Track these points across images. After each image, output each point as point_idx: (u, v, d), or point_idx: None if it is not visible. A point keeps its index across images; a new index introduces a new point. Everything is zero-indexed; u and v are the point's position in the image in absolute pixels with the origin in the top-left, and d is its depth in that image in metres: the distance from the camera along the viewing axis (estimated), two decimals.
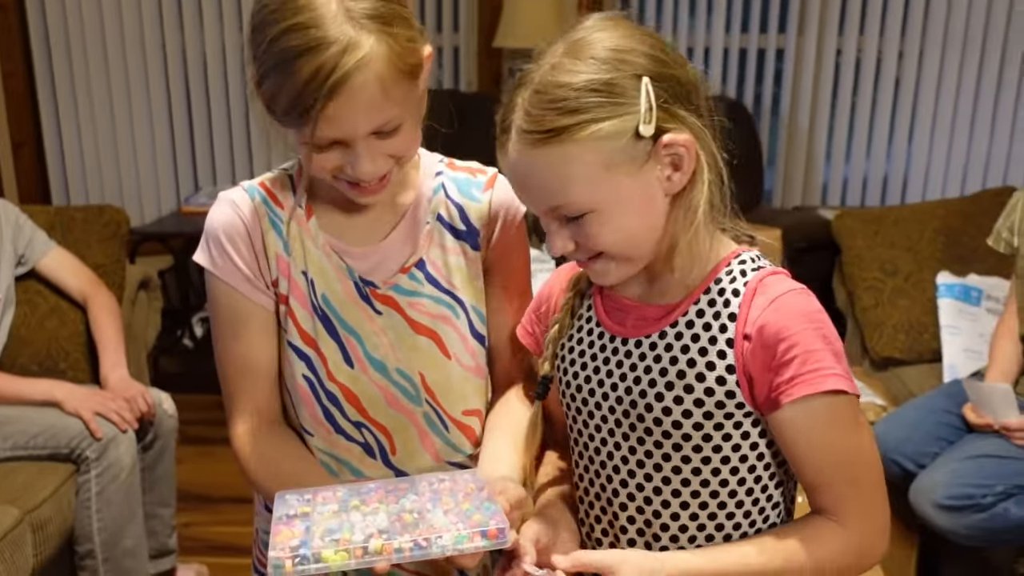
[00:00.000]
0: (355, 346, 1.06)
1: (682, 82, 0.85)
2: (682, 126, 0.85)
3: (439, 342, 1.08)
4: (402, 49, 0.92)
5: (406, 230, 1.08)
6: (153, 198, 3.86)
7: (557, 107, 0.83)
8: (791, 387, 0.84)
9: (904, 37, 3.55)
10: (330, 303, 1.06)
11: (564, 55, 0.85)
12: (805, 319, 0.85)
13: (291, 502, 0.94)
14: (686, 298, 0.91)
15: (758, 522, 0.93)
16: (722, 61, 3.68)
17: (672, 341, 0.90)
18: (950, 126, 3.58)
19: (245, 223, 1.04)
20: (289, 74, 0.90)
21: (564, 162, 0.84)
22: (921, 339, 2.52)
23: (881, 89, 3.61)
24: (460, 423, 1.10)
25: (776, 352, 0.85)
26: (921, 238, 2.62)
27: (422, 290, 1.07)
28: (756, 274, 0.89)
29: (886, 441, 2.08)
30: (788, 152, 3.72)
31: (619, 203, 0.86)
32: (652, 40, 0.86)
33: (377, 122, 0.93)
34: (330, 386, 1.06)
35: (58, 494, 1.92)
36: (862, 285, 2.63)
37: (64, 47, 3.70)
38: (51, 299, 2.26)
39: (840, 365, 0.85)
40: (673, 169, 0.86)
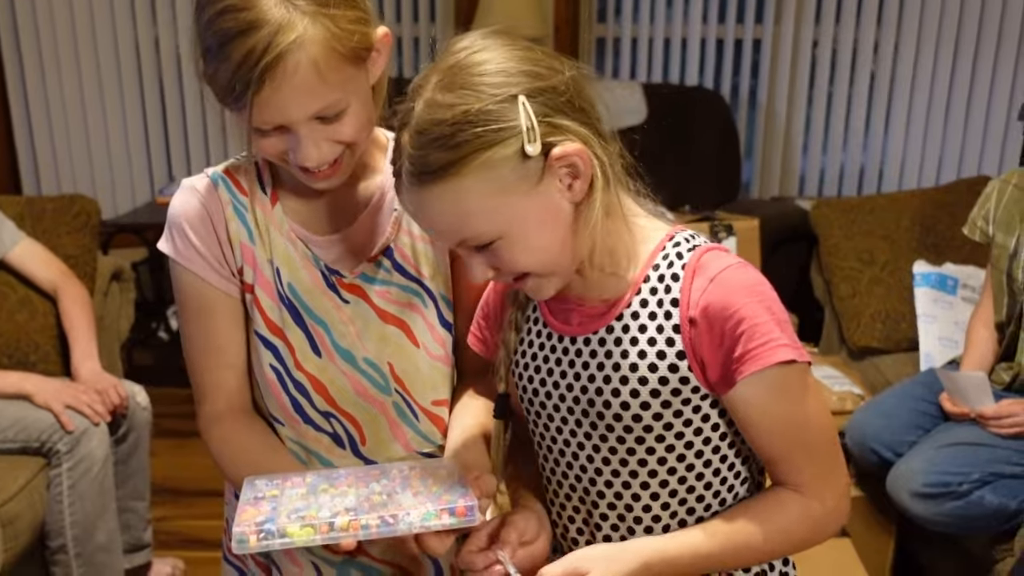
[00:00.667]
0: (322, 335, 1.05)
1: (560, 91, 0.83)
2: (569, 135, 0.83)
3: (407, 331, 1.07)
4: (341, 31, 0.89)
5: (373, 217, 1.06)
6: (127, 189, 3.81)
7: (438, 144, 0.81)
8: (742, 364, 0.84)
9: (880, 28, 3.57)
10: (297, 292, 1.04)
11: (436, 88, 0.83)
12: (747, 293, 0.85)
13: (259, 486, 0.93)
14: (627, 290, 0.90)
15: (728, 499, 0.94)
16: (699, 52, 3.68)
17: (620, 334, 0.90)
18: (925, 117, 3.60)
19: (208, 210, 1.03)
20: (223, 57, 0.88)
21: (457, 197, 0.82)
22: (898, 328, 2.54)
23: (857, 80, 3.63)
24: (430, 413, 1.09)
25: (723, 331, 0.85)
26: (898, 227, 2.64)
27: (390, 278, 1.06)
28: (692, 254, 0.88)
29: (864, 430, 2.09)
30: (766, 143, 3.73)
31: (523, 224, 0.84)
32: (524, 54, 0.84)
33: (315, 107, 0.91)
34: (298, 376, 1.05)
35: (29, 488, 1.89)
36: (839, 275, 2.64)
37: (34, 34, 3.63)
38: (20, 291, 2.22)
39: (786, 334, 0.85)
40: (572, 178, 0.84)
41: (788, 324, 0.86)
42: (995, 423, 1.89)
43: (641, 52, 3.72)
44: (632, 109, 3.40)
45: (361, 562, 1.10)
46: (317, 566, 1.09)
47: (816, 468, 0.89)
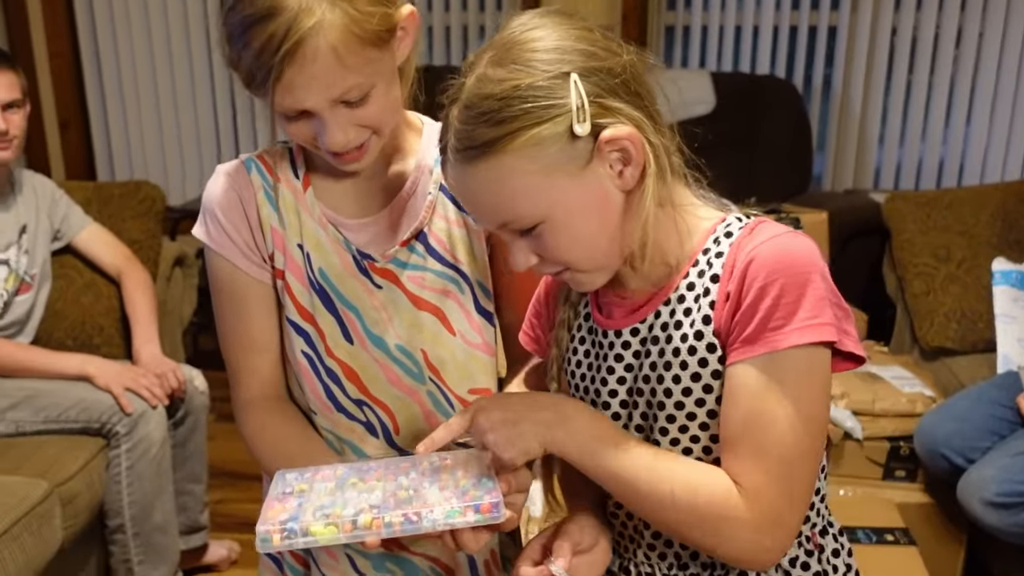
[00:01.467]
0: (354, 321, 1.03)
1: (616, 73, 0.80)
2: (621, 119, 0.79)
3: (443, 318, 1.05)
4: (361, 15, 0.88)
5: (406, 200, 1.04)
6: (196, 176, 3.88)
7: (485, 119, 0.79)
8: (754, 344, 0.78)
9: (964, 13, 3.40)
10: (327, 277, 1.03)
11: (489, 64, 0.80)
12: (781, 266, 0.78)
13: (289, 480, 0.92)
14: (676, 274, 0.86)
15: None
16: (771, 39, 3.57)
17: (667, 319, 0.85)
18: (1011, 106, 3.43)
19: (240, 195, 1.03)
20: (245, 44, 0.88)
21: (502, 175, 0.79)
22: (974, 328, 2.42)
23: (939, 68, 3.47)
24: (466, 402, 1.07)
25: (747, 302, 0.79)
26: (977, 222, 2.51)
27: (424, 264, 1.04)
28: (742, 230, 0.83)
29: (934, 435, 2.00)
30: (839, 134, 3.60)
31: (569, 208, 0.81)
32: (581, 33, 0.81)
33: (336, 91, 0.90)
34: (329, 362, 1.04)
35: (88, 468, 1.93)
36: (913, 271, 2.53)
37: (109, 27, 3.73)
38: (86, 274, 2.28)
39: (824, 312, 0.77)
40: (623, 164, 0.81)
41: (822, 299, 0.78)
42: None
43: (711, 40, 3.63)
44: (701, 99, 3.32)
45: (397, 555, 1.08)
46: (352, 559, 1.08)
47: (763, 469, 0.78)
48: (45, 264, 2.20)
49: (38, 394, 1.99)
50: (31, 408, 1.98)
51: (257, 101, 3.20)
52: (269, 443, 1.04)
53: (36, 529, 1.75)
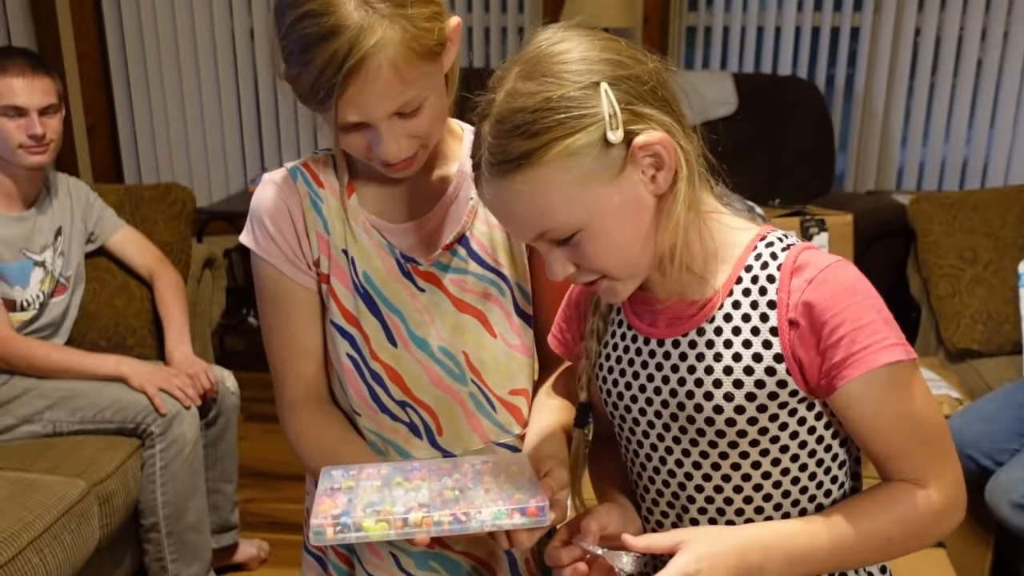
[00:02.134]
0: (397, 324, 1.06)
1: (644, 80, 0.81)
2: (652, 124, 0.81)
3: (484, 321, 1.07)
4: (418, 31, 0.91)
5: (448, 205, 1.07)
6: (221, 178, 3.92)
7: (519, 133, 0.80)
8: (844, 369, 0.82)
9: (988, 14, 3.39)
10: (372, 281, 1.05)
11: (518, 78, 0.82)
12: (849, 293, 0.82)
13: (336, 477, 0.95)
14: (719, 291, 0.87)
15: (825, 504, 0.91)
16: (793, 40, 3.57)
17: (712, 337, 0.87)
18: None
19: (287, 203, 1.05)
20: (306, 62, 0.90)
21: (538, 187, 0.81)
22: (1001, 330, 2.41)
23: (962, 69, 3.46)
24: (507, 403, 1.09)
25: (823, 334, 0.82)
26: (1003, 224, 2.51)
27: (466, 267, 1.06)
28: (787, 254, 0.85)
29: (961, 436, 1.99)
30: (862, 135, 3.60)
31: (606, 216, 0.82)
32: (606, 43, 0.83)
33: (395, 105, 0.93)
34: (373, 365, 1.06)
35: (124, 468, 1.97)
36: (938, 273, 2.52)
37: (137, 30, 3.77)
38: (119, 276, 2.31)
39: (892, 332, 0.82)
40: (655, 169, 0.82)
41: (893, 322, 0.83)
42: None
43: (733, 41, 3.63)
44: (723, 100, 3.33)
45: (441, 554, 1.10)
46: (396, 557, 1.10)
47: (933, 461, 0.86)
48: (79, 266, 2.23)
49: (74, 395, 2.03)
50: (67, 408, 2.01)
51: (283, 104, 3.25)
52: (314, 444, 1.06)
53: (75, 528, 1.79)
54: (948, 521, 0.87)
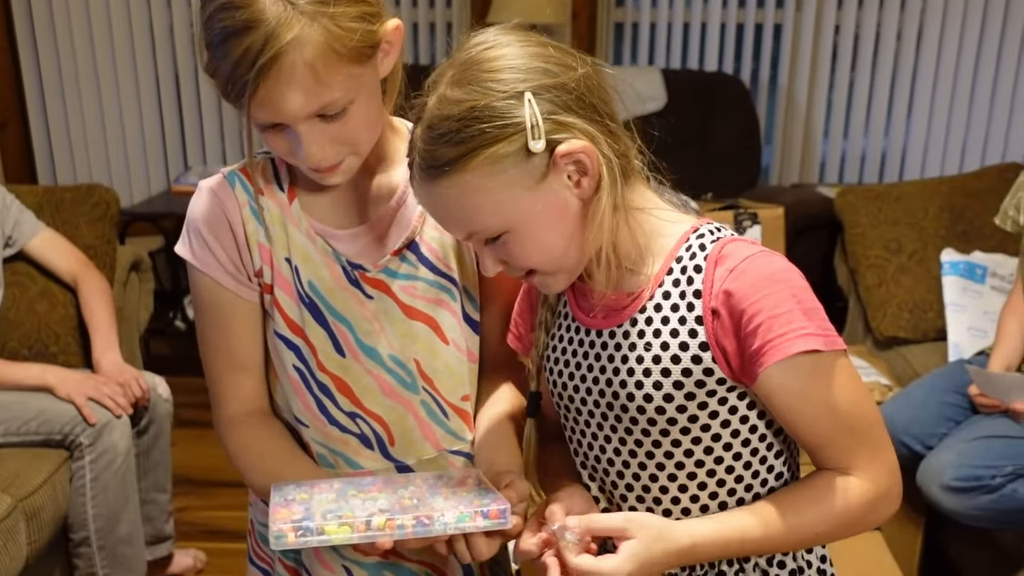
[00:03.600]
0: (345, 333, 1.03)
1: (570, 89, 0.83)
2: (574, 132, 0.83)
3: (435, 327, 1.05)
4: (342, 31, 0.87)
5: (396, 209, 1.04)
6: (142, 178, 3.80)
7: (445, 140, 0.83)
8: (760, 356, 0.83)
9: (903, 12, 3.51)
10: (317, 290, 1.02)
11: (449, 84, 0.85)
12: (768, 282, 0.83)
13: (288, 491, 0.93)
14: (650, 282, 0.89)
15: (761, 492, 0.92)
16: (719, 37, 3.63)
17: (643, 327, 0.89)
18: (949, 102, 3.55)
19: (226, 212, 1.01)
20: (222, 56, 0.87)
21: (464, 191, 0.84)
22: (925, 317, 2.50)
23: (880, 65, 3.58)
24: (459, 409, 1.08)
25: (741, 322, 0.84)
26: (926, 215, 2.60)
27: (416, 273, 1.04)
28: (715, 245, 0.87)
29: (892, 422, 2.05)
30: (786, 129, 3.69)
31: (531, 219, 0.85)
32: (537, 50, 0.85)
33: (312, 106, 0.90)
34: (321, 376, 1.03)
35: (52, 481, 1.88)
36: (865, 263, 2.60)
37: (48, 21, 3.61)
38: (40, 281, 2.21)
39: (812, 322, 0.83)
40: (580, 175, 0.85)
41: (817, 312, 0.84)
42: None
43: (660, 37, 3.68)
44: (652, 95, 3.37)
45: (395, 564, 1.09)
46: (349, 569, 1.08)
47: (865, 450, 0.87)
48: None
49: None
50: None
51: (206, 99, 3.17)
52: (255, 460, 1.03)
53: (1, 545, 1.70)
54: (881, 510, 0.88)
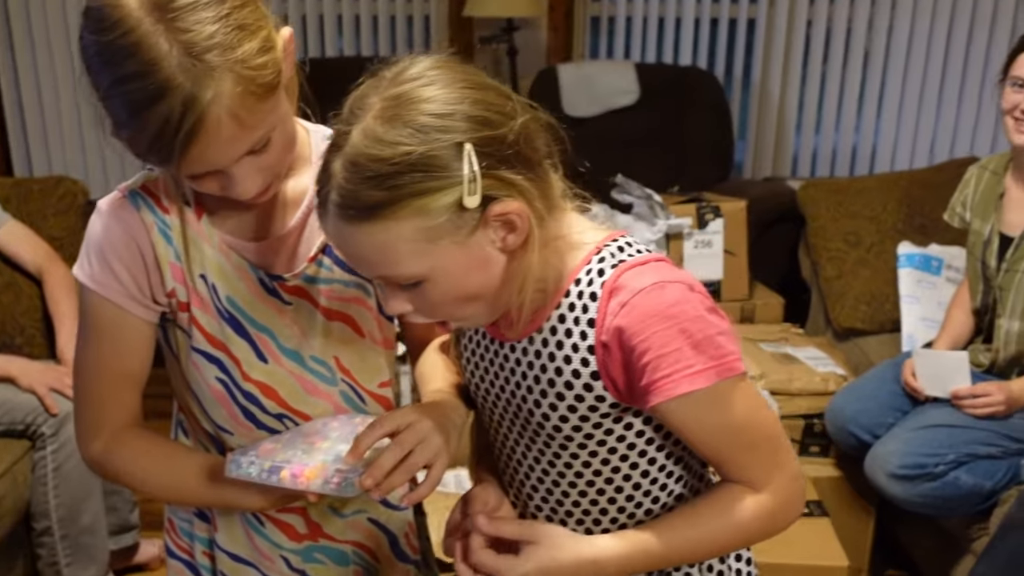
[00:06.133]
0: (267, 341, 1.04)
1: (509, 142, 0.79)
2: (511, 190, 0.80)
3: (353, 324, 1.07)
4: (253, 71, 0.84)
5: (308, 215, 1.03)
6: (118, 171, 3.81)
7: (374, 183, 0.77)
8: (648, 394, 0.83)
9: (874, 8, 3.54)
10: (237, 304, 1.02)
11: (379, 119, 0.78)
12: (657, 319, 0.81)
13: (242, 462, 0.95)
14: (548, 302, 0.88)
15: (668, 501, 0.94)
16: (693, 31, 3.65)
17: (540, 347, 0.88)
18: (919, 96, 3.58)
19: (134, 237, 0.98)
20: (138, 128, 0.84)
21: (385, 238, 0.79)
22: (882, 309, 2.54)
23: (851, 59, 3.60)
24: (377, 395, 1.11)
25: (631, 359, 0.83)
26: (884, 209, 2.63)
27: (333, 276, 1.04)
28: (613, 272, 0.85)
29: (843, 412, 2.10)
30: (759, 123, 3.71)
31: (450, 271, 0.82)
32: (476, 95, 0.80)
33: (243, 150, 0.88)
34: (246, 386, 1.04)
35: (13, 471, 1.91)
36: (825, 255, 2.64)
37: (23, 14, 3.62)
38: (6, 273, 2.23)
39: (703, 356, 0.81)
40: (507, 232, 0.82)
41: (710, 342, 0.82)
42: (969, 404, 1.89)
43: (635, 31, 3.70)
44: (625, 89, 3.39)
45: (324, 545, 1.12)
46: (287, 559, 1.11)
47: (763, 463, 0.88)
48: None
49: None
50: None
51: None
52: (161, 459, 1.04)
53: None
54: (783, 518, 0.90)
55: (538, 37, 3.65)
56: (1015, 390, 1.88)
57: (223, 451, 1.08)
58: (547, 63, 3.58)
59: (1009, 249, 1.94)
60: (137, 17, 0.82)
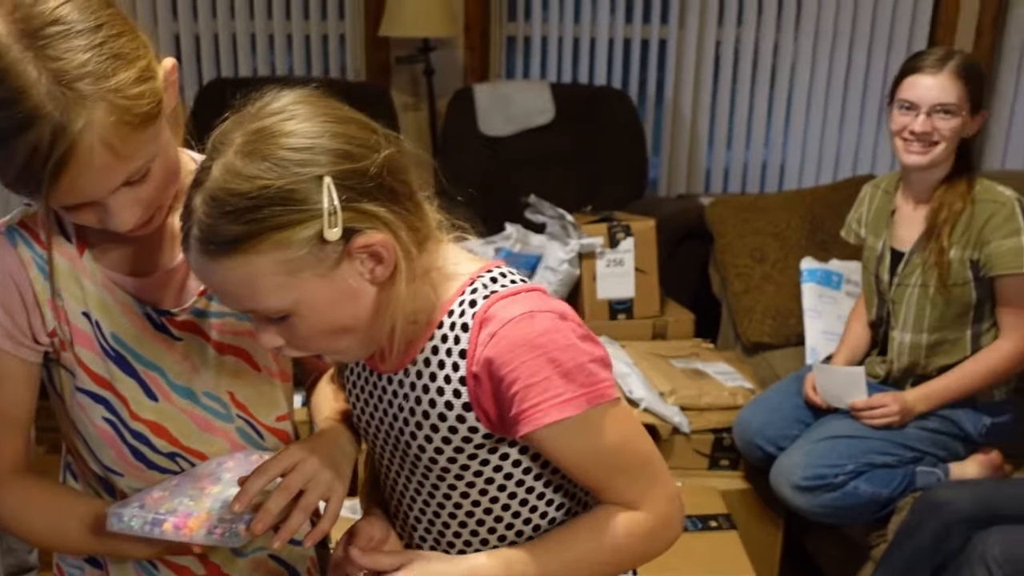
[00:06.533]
0: (156, 379, 1.01)
1: (371, 175, 0.80)
2: (374, 222, 0.80)
3: (247, 358, 1.06)
4: (129, 101, 0.82)
5: None
6: None
7: (233, 217, 0.77)
8: (517, 424, 0.84)
9: (779, 30, 3.65)
10: (122, 341, 1.00)
11: (239, 154, 0.78)
12: (525, 348, 0.82)
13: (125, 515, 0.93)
14: (422, 334, 0.88)
15: (544, 526, 0.95)
16: (607, 51, 3.72)
17: (415, 379, 0.89)
18: (823, 115, 3.70)
19: (11, 275, 0.95)
20: (7, 157, 0.82)
21: (247, 272, 0.79)
22: (787, 323, 2.61)
23: (759, 79, 3.71)
24: (274, 429, 1.09)
25: (500, 389, 0.84)
26: (788, 225, 2.71)
27: (224, 310, 1.02)
28: (485, 302, 0.85)
29: (750, 426, 2.15)
30: (672, 141, 3.79)
31: (316, 304, 0.82)
32: (338, 128, 0.81)
33: (118, 181, 0.86)
34: (135, 425, 1.01)
35: None
36: (733, 272, 2.70)
37: None
38: None
39: (572, 384, 0.82)
40: (375, 263, 0.82)
41: (581, 370, 0.83)
42: (866, 415, 1.96)
43: (551, 51, 3.75)
44: (541, 109, 3.43)
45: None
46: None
47: (639, 487, 0.89)
48: None
49: None
50: None
51: None
52: (46, 508, 1.01)
53: None
54: (663, 537, 0.91)
55: (454, 57, 3.67)
56: (909, 400, 1.96)
57: (113, 493, 1.05)
58: (464, 83, 3.60)
59: (900, 264, 2.02)
60: (6, 44, 0.80)
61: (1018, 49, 3.50)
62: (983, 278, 1.91)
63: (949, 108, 1.88)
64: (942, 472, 1.96)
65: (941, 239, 1.90)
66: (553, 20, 3.70)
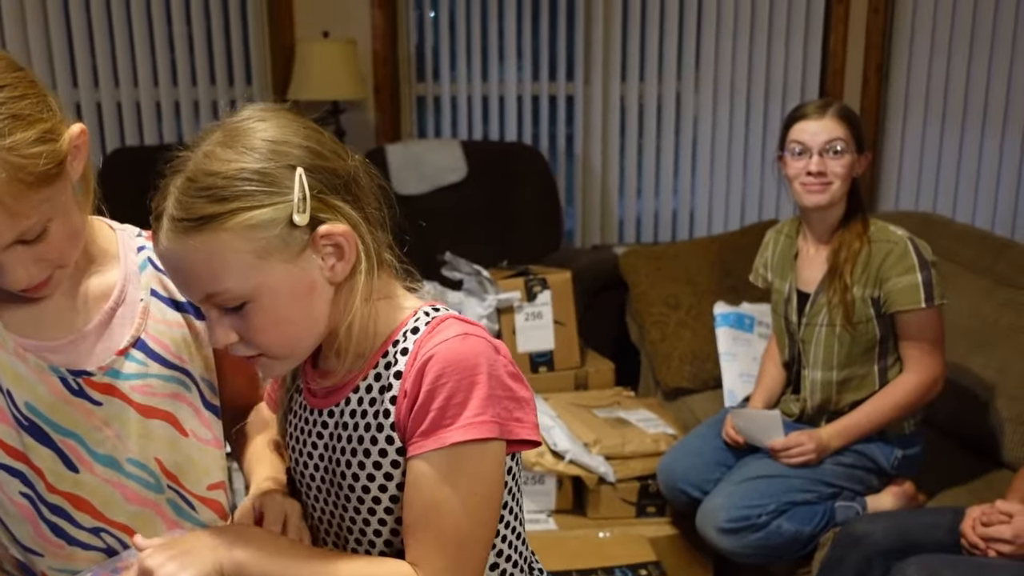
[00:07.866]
0: (75, 447, 0.98)
1: (339, 174, 0.86)
2: (339, 216, 0.85)
3: (174, 422, 1.03)
4: (24, 160, 0.85)
5: (116, 309, 1.02)
6: None
7: (208, 194, 0.82)
8: (426, 439, 0.84)
9: (680, 84, 3.79)
10: (36, 410, 0.97)
11: (218, 144, 0.84)
12: (454, 368, 0.84)
13: None
14: (365, 365, 0.90)
15: None
16: (516, 108, 3.79)
17: (355, 407, 0.90)
18: (727, 161, 3.83)
19: None
20: None
21: (216, 250, 0.82)
22: (704, 367, 2.66)
23: (664, 131, 3.83)
24: (207, 500, 1.07)
25: (420, 403, 0.84)
26: (699, 271, 2.78)
27: (147, 370, 1.01)
28: (426, 327, 0.88)
29: (673, 471, 2.17)
30: (584, 193, 3.87)
31: (277, 292, 0.84)
32: (309, 132, 0.87)
33: (9, 238, 0.88)
34: (52, 499, 0.98)
35: None
36: (649, 320, 2.75)
37: None
38: None
39: (491, 409, 0.83)
40: (336, 259, 0.86)
41: (491, 399, 0.84)
42: (784, 455, 2.00)
43: (461, 110, 3.80)
44: (453, 167, 3.47)
45: None
46: None
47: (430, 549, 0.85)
48: None
49: None
50: None
51: None
52: None
53: None
54: None
55: (365, 118, 3.69)
56: (823, 437, 2.01)
57: None
58: (376, 143, 3.61)
59: (807, 304, 2.08)
60: None
61: (902, 95, 3.70)
62: (884, 315, 1.98)
63: (837, 147, 1.98)
64: (860, 505, 2.01)
65: (844, 278, 1.97)
66: (461, 80, 3.76)
